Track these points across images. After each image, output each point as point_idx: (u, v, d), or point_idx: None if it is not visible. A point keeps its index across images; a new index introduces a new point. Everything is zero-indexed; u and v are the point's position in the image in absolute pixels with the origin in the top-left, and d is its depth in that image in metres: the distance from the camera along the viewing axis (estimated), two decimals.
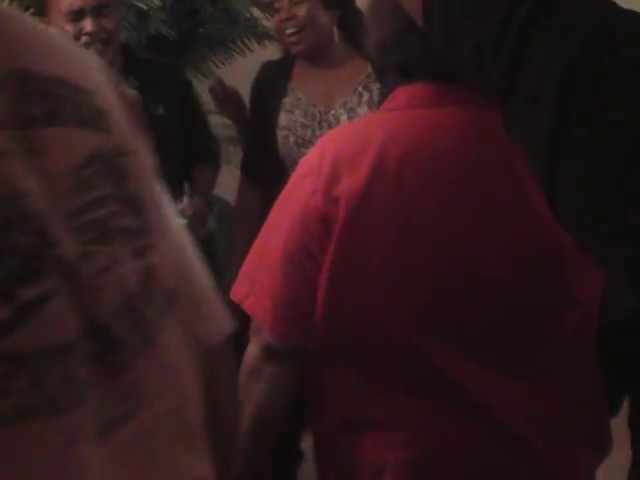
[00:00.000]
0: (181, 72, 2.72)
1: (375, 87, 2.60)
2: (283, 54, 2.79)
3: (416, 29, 0.80)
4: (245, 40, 4.01)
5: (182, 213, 2.45)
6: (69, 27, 2.35)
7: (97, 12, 2.33)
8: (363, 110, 2.58)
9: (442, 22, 0.74)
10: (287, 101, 2.60)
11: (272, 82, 2.64)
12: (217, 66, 4.00)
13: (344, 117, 2.57)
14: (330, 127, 2.54)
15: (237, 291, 1.36)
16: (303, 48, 2.56)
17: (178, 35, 3.71)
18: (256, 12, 3.98)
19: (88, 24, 2.32)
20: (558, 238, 1.17)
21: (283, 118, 2.59)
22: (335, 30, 2.62)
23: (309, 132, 2.58)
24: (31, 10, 2.54)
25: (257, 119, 2.68)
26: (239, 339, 1.42)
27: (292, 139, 2.58)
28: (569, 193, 0.67)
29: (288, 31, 2.56)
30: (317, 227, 1.28)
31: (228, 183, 3.10)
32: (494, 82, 0.70)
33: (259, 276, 1.34)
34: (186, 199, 2.57)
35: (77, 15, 2.33)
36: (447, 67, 0.99)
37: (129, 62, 2.56)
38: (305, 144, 2.54)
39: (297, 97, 2.60)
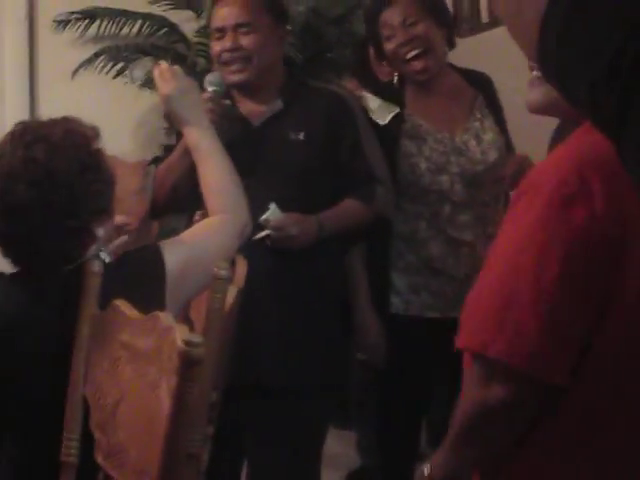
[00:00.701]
0: (344, 101, 2.51)
1: (486, 112, 2.58)
2: (389, 79, 2.71)
3: None
4: None
5: (265, 222, 2.28)
6: (215, 45, 2.44)
7: (236, 30, 2.40)
8: (489, 136, 2.55)
9: (555, 67, 0.75)
10: (407, 127, 2.54)
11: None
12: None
13: (472, 142, 2.54)
14: (461, 153, 2.51)
15: (472, 339, 1.29)
16: (429, 71, 2.50)
17: (305, 59, 3.77)
18: None
19: (227, 42, 2.39)
20: None
21: (408, 145, 2.52)
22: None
23: (443, 159, 2.52)
24: None
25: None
26: None
27: (423, 166, 2.51)
28: None
29: (409, 55, 2.47)
30: (601, 252, 1.21)
31: None
32: (608, 117, 0.70)
33: (509, 318, 1.23)
34: (272, 207, 2.30)
35: (220, 33, 2.41)
36: None
37: (288, 83, 2.49)
38: (439, 171, 2.50)
39: (418, 123, 2.54)
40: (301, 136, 2.34)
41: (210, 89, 2.36)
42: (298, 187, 2.33)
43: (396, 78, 2.61)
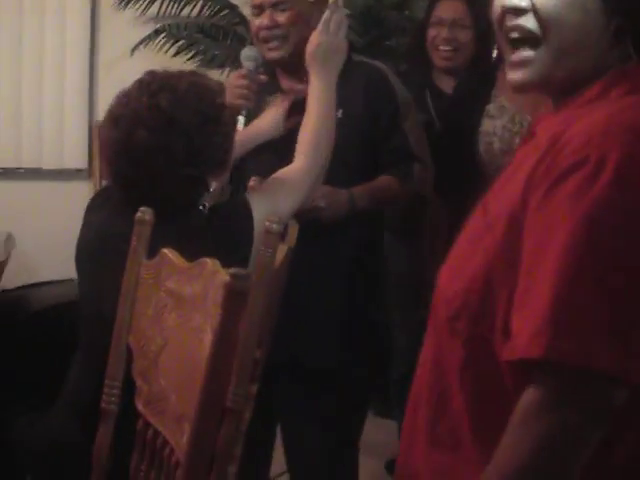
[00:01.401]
0: (384, 77, 2.46)
1: None
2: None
3: None
4: None
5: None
6: (254, 22, 2.43)
7: (274, 7, 2.38)
8: None
9: None
10: (491, 108, 2.57)
11: (474, 88, 2.61)
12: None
13: None
14: None
15: (563, 348, 1.05)
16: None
17: (365, 44, 3.75)
18: None
19: (265, 19, 2.38)
20: None
21: (486, 124, 2.56)
22: None
23: (517, 140, 2.50)
24: None
25: (455, 124, 2.65)
26: None
27: (497, 146, 2.54)
28: None
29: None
30: None
31: None
32: None
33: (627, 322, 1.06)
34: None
35: (258, 10, 2.39)
36: None
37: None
38: (510, 152, 2.47)
39: (501, 104, 2.58)
40: (339, 113, 2.28)
41: (246, 64, 2.35)
42: (335, 164, 2.30)
43: (495, 54, 2.63)
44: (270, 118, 2.31)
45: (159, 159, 1.75)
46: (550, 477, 1.08)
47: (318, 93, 2.10)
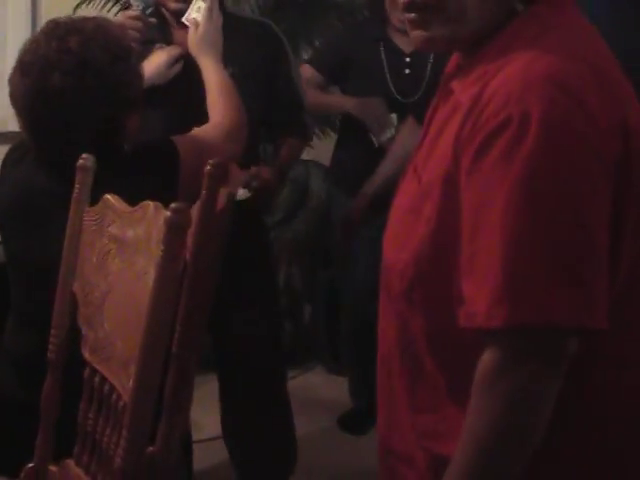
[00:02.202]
0: (271, 29, 2.56)
1: None
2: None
3: None
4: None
5: (247, 184, 2.38)
6: None
7: None
8: None
9: None
10: None
11: None
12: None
13: None
14: None
15: (513, 312, 1.07)
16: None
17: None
18: None
19: None
20: None
21: None
22: None
23: None
24: None
25: None
26: None
27: None
28: None
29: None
30: (615, 175, 1.09)
31: None
32: None
33: (566, 275, 1.07)
34: (253, 170, 2.42)
35: None
36: None
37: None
38: None
39: None
40: (235, 70, 2.30)
41: (135, 3, 2.32)
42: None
43: None
44: (155, 64, 2.30)
45: (75, 101, 1.75)
46: (524, 431, 1.10)
47: (215, 76, 2.15)
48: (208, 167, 1.56)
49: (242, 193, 2.34)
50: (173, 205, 1.28)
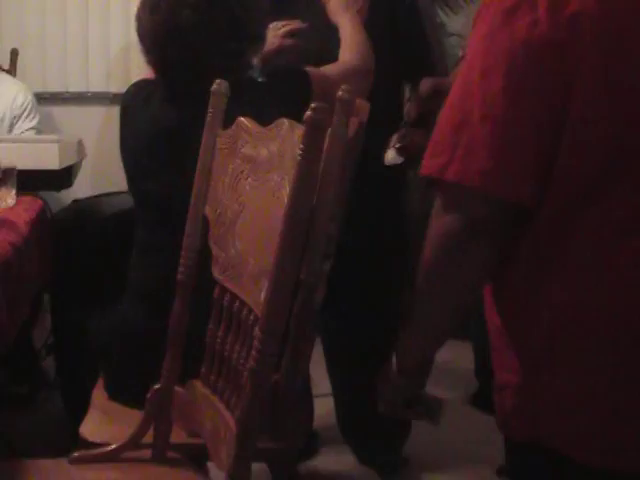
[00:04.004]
0: None
1: None
2: None
3: None
4: None
5: (398, 146, 2.29)
6: None
7: None
8: None
9: None
10: None
11: None
12: None
13: None
14: None
15: (431, 164, 1.22)
16: None
17: None
18: None
19: None
20: None
21: None
22: None
23: None
24: None
25: None
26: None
27: None
28: None
29: None
30: (547, 61, 1.15)
31: None
32: None
33: (462, 138, 1.19)
34: (402, 131, 2.32)
35: None
36: None
37: None
38: None
39: None
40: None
41: None
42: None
43: None
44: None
45: (204, 36, 1.82)
46: (446, 271, 1.24)
47: (348, 30, 2.20)
48: (340, 92, 1.56)
49: (392, 157, 2.29)
50: (314, 104, 1.30)
